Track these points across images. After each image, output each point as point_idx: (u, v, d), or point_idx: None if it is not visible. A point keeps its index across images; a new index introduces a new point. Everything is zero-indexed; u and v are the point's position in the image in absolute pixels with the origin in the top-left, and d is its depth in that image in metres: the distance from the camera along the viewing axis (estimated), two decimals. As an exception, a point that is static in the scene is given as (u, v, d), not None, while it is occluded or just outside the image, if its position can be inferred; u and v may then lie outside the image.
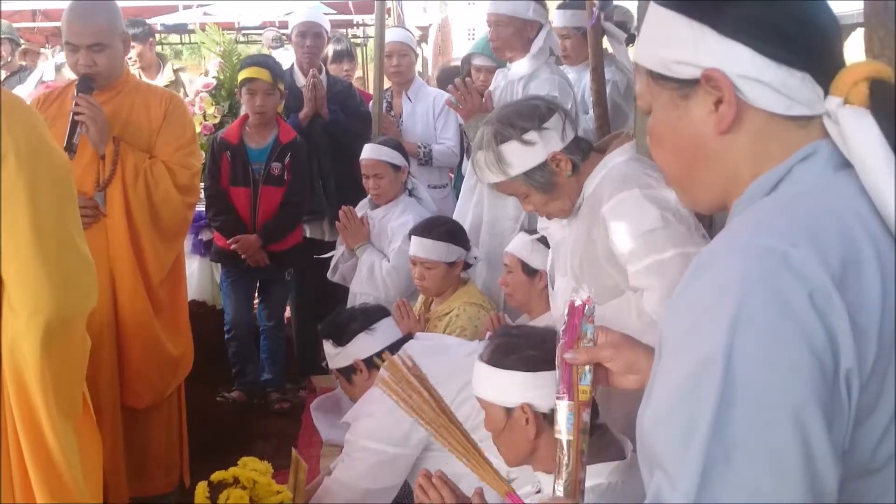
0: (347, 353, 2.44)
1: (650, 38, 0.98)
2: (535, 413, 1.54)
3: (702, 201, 1.00)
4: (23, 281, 1.56)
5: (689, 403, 0.80)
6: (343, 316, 2.55)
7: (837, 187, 0.88)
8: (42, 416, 1.60)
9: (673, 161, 0.99)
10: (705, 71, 0.91)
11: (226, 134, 3.67)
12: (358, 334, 2.43)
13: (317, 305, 4.12)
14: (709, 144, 0.94)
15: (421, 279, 2.92)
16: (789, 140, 0.91)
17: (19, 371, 1.60)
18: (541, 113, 1.86)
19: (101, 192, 2.58)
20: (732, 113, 0.90)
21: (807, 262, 0.79)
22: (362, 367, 2.43)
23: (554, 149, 1.84)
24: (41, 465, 1.60)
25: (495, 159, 1.84)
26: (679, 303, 0.88)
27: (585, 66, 3.33)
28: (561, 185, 1.87)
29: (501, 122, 1.86)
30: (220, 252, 3.75)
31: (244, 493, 2.25)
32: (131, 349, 2.65)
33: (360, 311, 2.54)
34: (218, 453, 2.94)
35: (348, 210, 3.37)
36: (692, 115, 0.94)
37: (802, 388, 0.77)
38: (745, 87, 0.90)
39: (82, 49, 2.54)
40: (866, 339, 0.79)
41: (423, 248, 2.88)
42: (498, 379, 1.58)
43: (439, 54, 7.77)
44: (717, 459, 0.78)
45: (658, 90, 0.96)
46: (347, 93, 4.09)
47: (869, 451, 0.82)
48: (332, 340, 2.47)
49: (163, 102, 2.71)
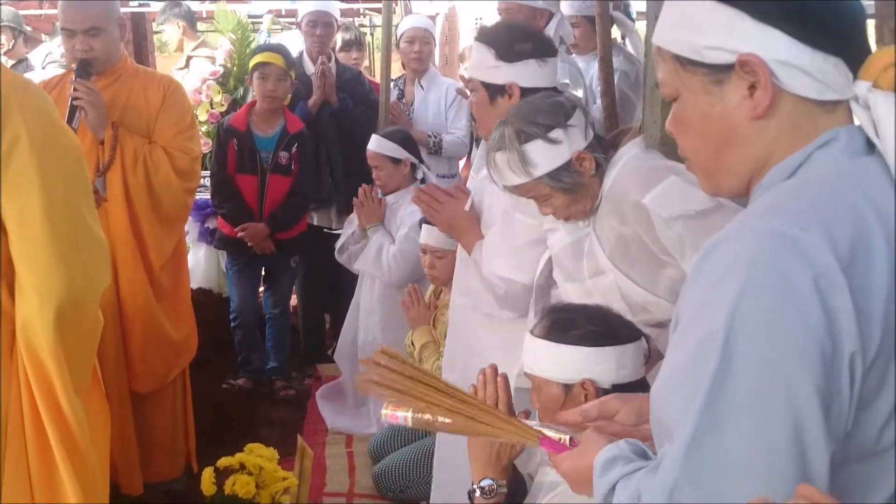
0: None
1: (675, 23, 0.97)
2: (596, 388, 1.49)
3: (726, 187, 1.00)
4: (35, 264, 1.57)
5: (692, 377, 0.84)
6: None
7: (851, 173, 0.89)
8: (59, 390, 1.63)
9: (701, 146, 0.99)
10: (741, 56, 0.91)
11: (233, 121, 3.67)
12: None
13: (323, 294, 4.13)
14: (741, 130, 0.94)
15: (431, 268, 2.90)
16: (817, 125, 0.92)
17: (34, 350, 1.62)
18: (566, 110, 1.76)
19: (100, 178, 2.59)
20: (768, 98, 0.91)
21: (814, 246, 0.81)
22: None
23: (578, 147, 1.75)
24: (61, 436, 1.64)
25: (519, 160, 1.73)
26: (692, 281, 0.91)
27: (594, 55, 3.31)
28: (584, 185, 1.77)
29: (524, 120, 1.76)
30: (224, 239, 3.75)
31: (250, 478, 2.26)
32: (132, 334, 2.66)
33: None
34: (224, 440, 2.96)
35: (368, 188, 3.37)
36: (726, 100, 0.94)
37: (798, 370, 0.79)
38: (780, 72, 0.90)
39: (78, 34, 2.54)
40: (871, 322, 0.81)
41: (434, 236, 2.85)
42: (558, 355, 1.52)
43: (446, 43, 7.72)
44: (708, 428, 0.81)
45: (688, 76, 0.96)
46: (357, 81, 4.08)
47: (874, 434, 0.83)
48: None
49: (161, 87, 2.71)
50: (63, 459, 1.63)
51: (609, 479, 1.03)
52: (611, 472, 1.04)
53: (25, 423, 1.63)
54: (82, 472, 1.65)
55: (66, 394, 1.63)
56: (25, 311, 1.60)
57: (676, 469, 0.83)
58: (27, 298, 1.59)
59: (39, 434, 1.64)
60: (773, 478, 0.79)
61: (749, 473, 0.80)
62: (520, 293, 2.06)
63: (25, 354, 1.62)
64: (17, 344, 1.63)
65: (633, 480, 0.99)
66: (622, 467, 1.04)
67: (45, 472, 1.64)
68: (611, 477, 1.03)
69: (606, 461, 1.06)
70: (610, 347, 1.49)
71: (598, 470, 1.06)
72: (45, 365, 1.62)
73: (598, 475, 1.06)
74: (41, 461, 1.64)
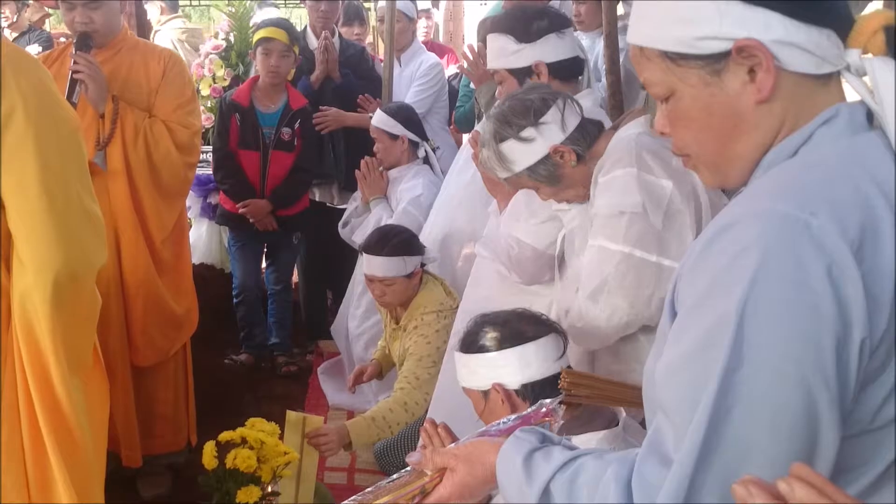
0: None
1: (659, 20, 0.95)
2: (507, 391, 1.58)
3: (734, 177, 0.98)
4: (31, 236, 1.56)
5: (701, 360, 0.83)
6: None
7: (856, 152, 0.88)
8: (52, 369, 1.61)
9: (707, 140, 0.96)
10: (738, 42, 0.89)
11: (236, 96, 3.64)
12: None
13: (324, 271, 4.13)
14: (747, 116, 0.93)
15: (381, 296, 2.83)
16: (816, 99, 0.92)
17: (30, 325, 1.61)
18: (536, 108, 1.81)
19: (101, 152, 2.57)
20: (772, 80, 0.90)
21: (826, 233, 0.80)
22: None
23: (555, 141, 1.81)
24: (51, 418, 1.62)
25: (497, 158, 1.84)
26: (698, 263, 0.89)
27: (599, 32, 3.28)
28: (567, 175, 1.85)
29: (499, 120, 1.84)
30: (226, 215, 3.75)
31: (252, 453, 2.27)
32: (134, 307, 2.66)
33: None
34: (226, 415, 2.97)
35: (370, 161, 3.37)
36: (727, 89, 0.92)
37: (811, 359, 0.79)
38: (780, 52, 0.89)
39: (79, 6, 2.52)
40: (880, 307, 0.80)
41: (378, 266, 2.79)
42: (468, 364, 1.64)
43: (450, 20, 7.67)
44: (721, 416, 0.81)
45: (683, 71, 0.94)
46: (360, 56, 4.05)
47: (872, 412, 0.84)
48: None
49: (161, 61, 2.68)
50: (51, 439, 1.61)
51: (540, 480, 0.99)
52: (537, 472, 0.99)
53: (20, 404, 1.62)
54: (74, 458, 1.64)
55: (60, 375, 1.61)
56: (22, 285, 1.59)
57: (692, 460, 0.82)
58: (24, 271, 1.58)
59: (32, 419, 1.62)
60: (787, 463, 0.78)
61: (764, 460, 0.80)
62: (528, 258, 2.09)
63: (21, 329, 1.61)
64: (13, 318, 1.61)
65: (583, 474, 0.95)
66: (546, 463, 0.99)
67: (36, 457, 1.63)
68: (541, 476, 0.99)
69: (525, 459, 1.01)
70: (510, 349, 1.57)
71: (518, 474, 1.01)
72: (39, 341, 1.60)
73: (521, 479, 1.00)
74: (32, 445, 1.62)
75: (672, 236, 1.70)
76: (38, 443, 1.62)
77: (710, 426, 0.81)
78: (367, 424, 2.57)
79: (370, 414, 2.60)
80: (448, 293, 2.89)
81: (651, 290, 1.70)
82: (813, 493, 0.62)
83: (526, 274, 2.12)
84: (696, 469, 0.82)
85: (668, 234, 1.70)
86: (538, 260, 2.08)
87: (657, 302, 1.69)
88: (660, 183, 1.72)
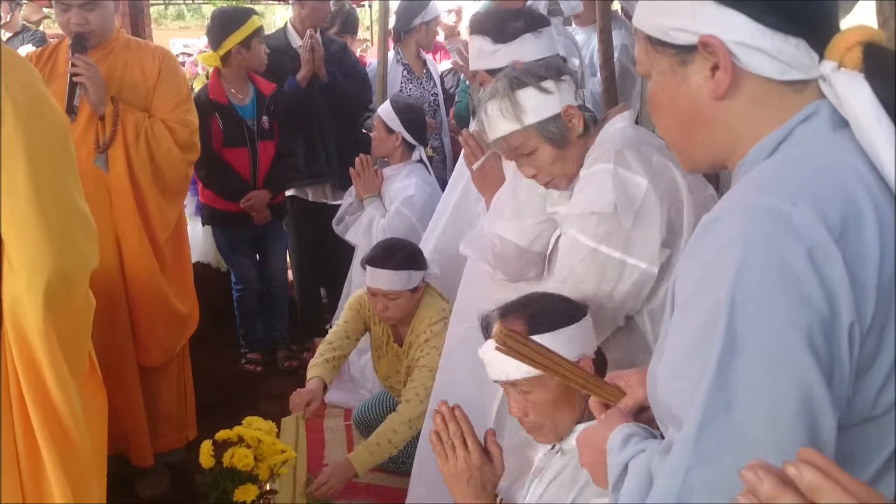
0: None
1: (651, 5, 1.00)
2: (591, 361, 1.53)
3: (699, 163, 1.04)
4: (22, 239, 1.54)
5: (697, 359, 0.84)
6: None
7: (836, 146, 0.90)
8: (46, 374, 1.60)
9: (672, 125, 1.02)
10: (702, 37, 0.94)
11: (212, 94, 3.53)
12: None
13: (318, 268, 4.13)
14: (706, 110, 0.97)
15: (384, 310, 2.77)
16: (785, 104, 0.95)
17: (21, 329, 1.58)
18: (558, 66, 1.85)
19: (102, 154, 2.56)
20: (728, 79, 0.94)
21: (806, 220, 0.82)
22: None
23: (570, 102, 1.82)
24: (46, 421, 1.61)
25: (510, 105, 1.79)
26: (689, 260, 0.91)
27: (594, 27, 3.27)
28: (571, 142, 1.83)
29: (519, 71, 1.83)
30: (212, 213, 3.71)
31: (249, 451, 2.27)
32: (140, 308, 2.66)
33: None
34: (223, 414, 2.98)
35: (364, 158, 3.37)
36: (690, 81, 0.97)
37: (801, 343, 0.80)
38: (740, 53, 0.93)
39: (74, 7, 2.51)
40: (866, 290, 0.82)
41: (384, 279, 2.73)
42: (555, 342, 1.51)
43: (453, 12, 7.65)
44: (719, 409, 0.82)
45: (657, 56, 0.99)
46: (342, 53, 4.01)
47: (871, 400, 0.85)
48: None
49: (156, 59, 2.67)
50: (47, 444, 1.59)
51: (624, 457, 1.06)
52: (625, 451, 1.07)
53: (14, 408, 1.60)
54: (69, 459, 1.62)
55: (55, 377, 1.59)
56: (14, 289, 1.56)
57: (689, 451, 0.83)
58: (16, 275, 1.56)
59: (26, 423, 1.60)
60: (785, 450, 0.79)
61: (762, 448, 0.80)
62: (512, 255, 2.09)
63: (12, 334, 1.58)
64: (5, 323, 1.59)
65: (641, 460, 1.01)
66: (634, 445, 1.07)
67: (31, 461, 1.61)
68: (625, 454, 1.06)
69: (623, 439, 1.09)
70: (576, 324, 1.53)
71: (614, 450, 1.09)
72: (32, 345, 1.58)
73: (614, 454, 1.09)
74: (27, 449, 1.61)
75: (641, 235, 1.72)
76: (33, 446, 1.61)
77: (704, 419, 0.82)
78: (371, 451, 2.58)
79: (373, 440, 2.59)
80: (444, 299, 2.87)
81: (612, 286, 1.73)
82: (820, 475, 0.63)
83: (510, 271, 2.12)
84: (692, 463, 0.83)
85: (637, 234, 1.71)
86: (521, 257, 2.07)
87: (619, 296, 1.72)
88: (635, 180, 1.72)
